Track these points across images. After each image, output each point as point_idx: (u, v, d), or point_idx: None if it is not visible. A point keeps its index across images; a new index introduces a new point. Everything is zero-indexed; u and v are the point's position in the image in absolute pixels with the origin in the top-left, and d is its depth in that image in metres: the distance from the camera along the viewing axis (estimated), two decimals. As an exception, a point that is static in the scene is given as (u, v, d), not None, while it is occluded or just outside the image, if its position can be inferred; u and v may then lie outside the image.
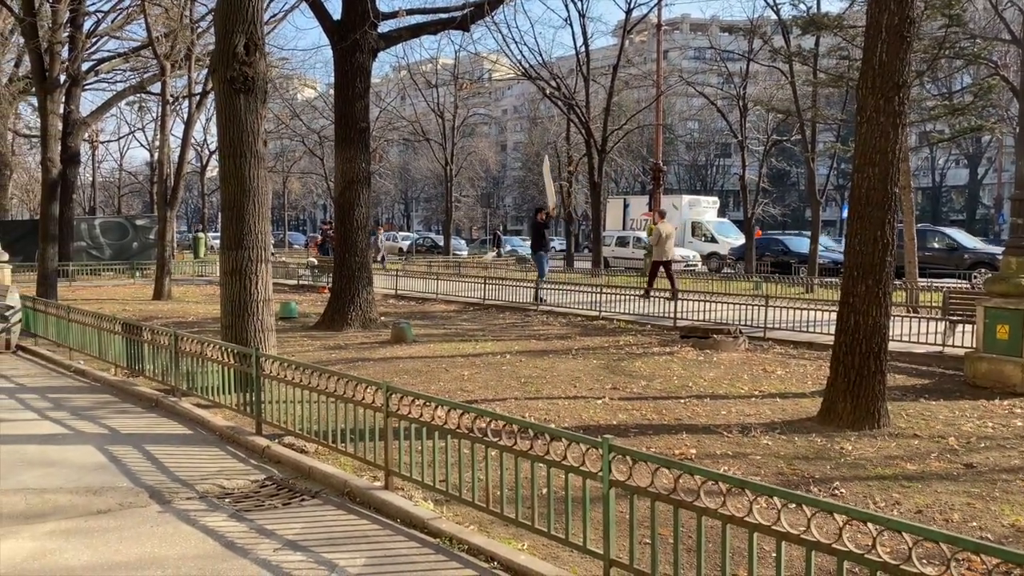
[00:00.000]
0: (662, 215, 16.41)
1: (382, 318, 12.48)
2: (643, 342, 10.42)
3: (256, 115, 7.22)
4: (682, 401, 6.91)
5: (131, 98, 30.69)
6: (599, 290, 13.34)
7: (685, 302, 12.10)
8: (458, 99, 36.15)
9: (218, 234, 30.51)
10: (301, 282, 20.70)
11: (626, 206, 32.54)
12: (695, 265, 27.07)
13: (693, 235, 30.21)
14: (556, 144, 30.63)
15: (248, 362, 6.05)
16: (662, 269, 15.30)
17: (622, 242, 29.47)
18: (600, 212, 25.51)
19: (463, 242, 43.90)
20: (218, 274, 10.45)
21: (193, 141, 40.95)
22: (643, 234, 28.72)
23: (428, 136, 39.28)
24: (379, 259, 25.12)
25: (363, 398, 4.90)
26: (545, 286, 14.94)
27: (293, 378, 5.54)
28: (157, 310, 14.44)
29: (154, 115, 43.11)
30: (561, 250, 55.09)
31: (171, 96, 18.40)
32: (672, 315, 11.94)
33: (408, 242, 43.13)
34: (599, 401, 6.90)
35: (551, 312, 13.63)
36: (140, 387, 7.54)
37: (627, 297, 13.08)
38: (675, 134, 58.63)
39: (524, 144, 75.04)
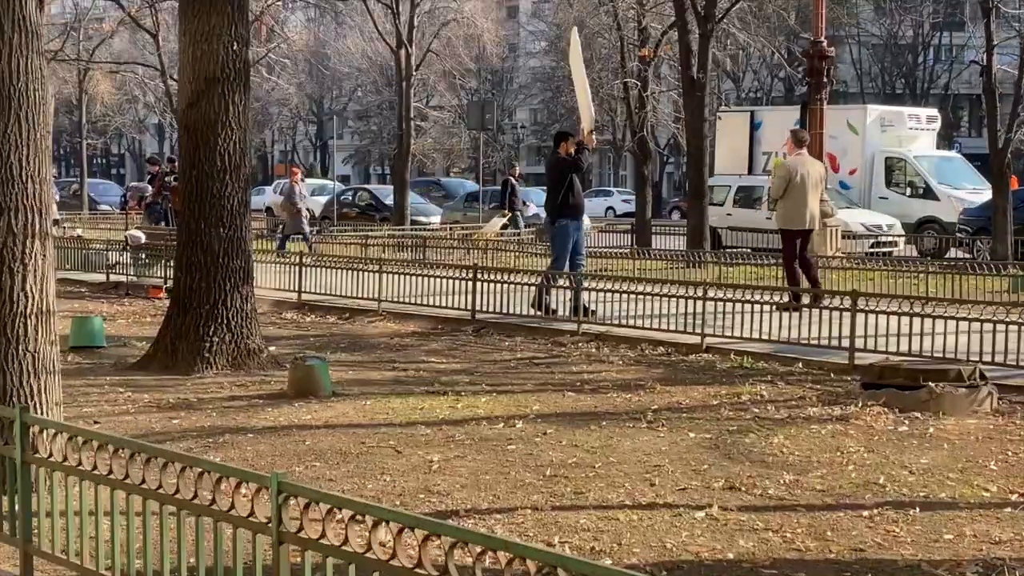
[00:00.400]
0: (798, 140, 16.37)
1: (271, 349, 12.55)
2: (786, 395, 10.41)
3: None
4: (867, 515, 6.91)
5: None
6: (701, 294, 13.40)
7: (865, 316, 12.10)
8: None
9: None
10: (114, 277, 20.83)
11: (755, 126, 32.64)
12: (892, 242, 27.11)
13: (889, 184, 30.24)
14: (615, 6, 30.68)
15: (6, 434, 6.05)
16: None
17: (747, 198, 29.51)
18: (704, 139, 25.54)
19: (428, 201, 43.99)
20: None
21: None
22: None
23: (364, -10, 39.34)
24: (306, 236, 25.32)
25: (232, 505, 4.91)
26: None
27: (95, 467, 5.55)
28: None
29: None
30: (623, 214, 55.54)
31: None
32: (846, 344, 11.94)
33: (324, 199, 43.31)
34: (700, 513, 6.91)
35: (605, 338, 13.69)
36: None
37: (755, 309, 13.14)
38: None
39: (553, 5, 75.47)
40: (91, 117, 59.18)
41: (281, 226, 27.66)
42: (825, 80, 23.04)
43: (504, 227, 28.15)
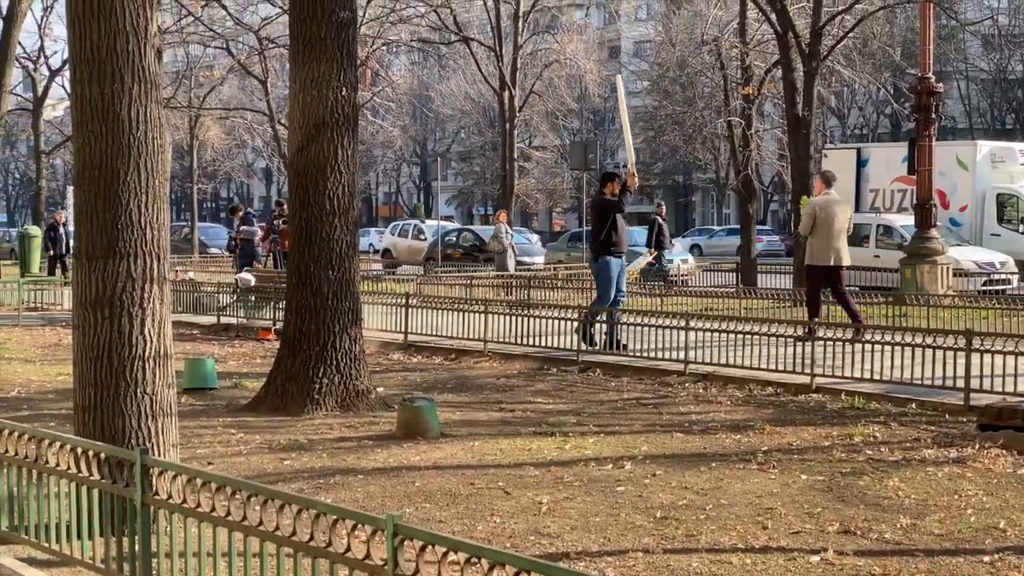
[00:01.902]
0: (826, 180, 16.83)
1: (379, 389, 12.64)
2: (900, 437, 10.29)
3: (142, -1, 7.44)
4: (987, 560, 6.79)
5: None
6: (809, 333, 13.19)
7: (980, 356, 11.84)
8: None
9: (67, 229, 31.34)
10: (224, 319, 21.17)
11: (862, 163, 32.25)
12: (1005, 279, 26.52)
13: (1001, 220, 29.63)
14: (718, 45, 30.62)
15: (126, 477, 6.17)
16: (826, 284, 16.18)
17: (854, 236, 29.05)
18: (809, 177, 25.29)
19: (534, 238, 44.16)
20: (69, 306, 10.76)
21: (20, 52, 42.63)
22: (896, 220, 28.40)
23: (468, 34, 39.75)
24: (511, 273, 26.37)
25: (348, 547, 4.94)
26: (628, 320, 15.59)
27: (213, 508, 5.63)
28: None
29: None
30: (727, 254, 55.10)
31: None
32: (961, 384, 11.71)
33: (429, 240, 43.67)
34: (815, 558, 6.82)
35: (712, 378, 13.64)
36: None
37: (867, 347, 12.95)
38: (959, 19, 57.83)
39: (655, 45, 75.52)
40: (201, 162, 60.38)
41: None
42: (933, 116, 22.75)
43: (650, 265, 28.25)
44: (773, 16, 24.84)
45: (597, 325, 15.91)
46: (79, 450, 6.49)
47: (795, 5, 26.67)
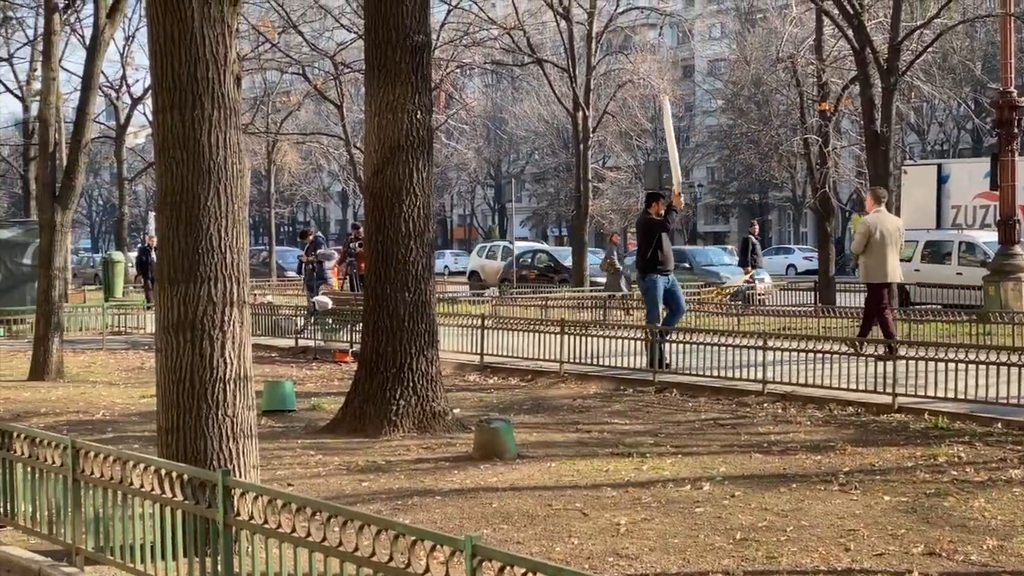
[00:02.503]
0: (877, 198, 17.09)
1: (456, 411, 12.68)
2: (985, 457, 10.15)
3: (222, 25, 7.55)
4: (1078, 583, 6.65)
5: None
6: (889, 353, 13.03)
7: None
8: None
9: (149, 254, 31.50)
10: (302, 342, 21.35)
11: (942, 179, 31.86)
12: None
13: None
14: (794, 62, 30.43)
15: (208, 498, 6.24)
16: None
17: (936, 253, 28.78)
18: (889, 194, 25.02)
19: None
20: (152, 330, 10.90)
21: (103, 81, 43.36)
22: (978, 237, 28.00)
23: (541, 55, 39.79)
24: (625, 294, 27.35)
25: (426, 568, 4.96)
26: (676, 336, 15.73)
27: (294, 529, 5.68)
28: (38, 400, 15.22)
29: (30, 34, 45.95)
30: (804, 272, 54.60)
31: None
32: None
33: (503, 261, 43.77)
34: (899, 580, 6.75)
35: (791, 398, 13.52)
36: (8, 547, 7.90)
37: (949, 366, 12.77)
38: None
39: (729, 63, 75.25)
40: (279, 186, 61.03)
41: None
42: (1016, 131, 22.43)
43: (746, 284, 28.26)
44: (850, 32, 24.61)
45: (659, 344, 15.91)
46: (162, 471, 6.59)
47: (873, 21, 26.42)
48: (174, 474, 6.50)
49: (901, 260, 26.84)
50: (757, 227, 31.82)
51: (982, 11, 35.87)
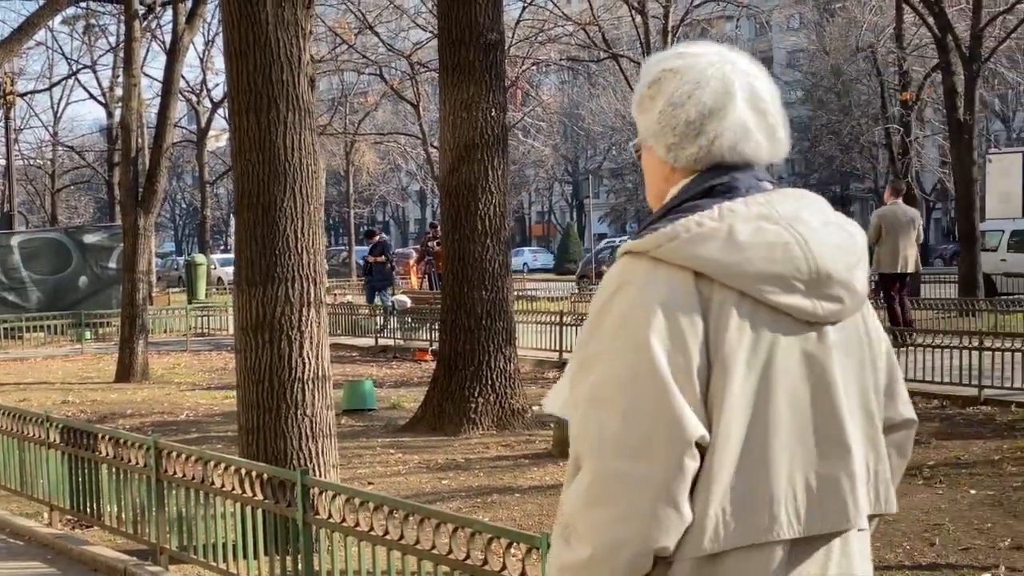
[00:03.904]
0: (895, 190, 17.63)
1: (535, 408, 12.66)
2: (1076, 450, 9.95)
3: (296, 28, 7.62)
4: None
5: (69, 11, 33.42)
6: (977, 343, 12.87)
7: None
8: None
9: (230, 256, 32.27)
10: (382, 341, 21.48)
11: (1029, 169, 31.25)
12: None
13: None
14: (874, 51, 30.07)
15: (288, 497, 6.30)
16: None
17: (1022, 242, 28.29)
18: (973, 183, 24.65)
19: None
20: (232, 331, 11.06)
21: (183, 86, 43.95)
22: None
23: (616, 50, 39.61)
24: None
25: (504, 566, 4.96)
26: None
27: (371, 527, 5.72)
28: (124, 401, 15.48)
29: (112, 41, 46.71)
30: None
31: (141, 4, 19.83)
32: None
33: (583, 260, 43.64)
34: (987, 574, 6.67)
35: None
36: (94, 547, 8.05)
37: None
38: None
39: (808, 54, 74.48)
40: (357, 187, 61.51)
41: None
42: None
43: None
44: (931, 19, 24.25)
45: None
46: (243, 471, 6.67)
47: (954, 7, 26.01)
48: (254, 473, 6.58)
49: (986, 250, 26.68)
50: None
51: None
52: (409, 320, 21.59)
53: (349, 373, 16.96)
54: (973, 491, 8.55)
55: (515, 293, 29.68)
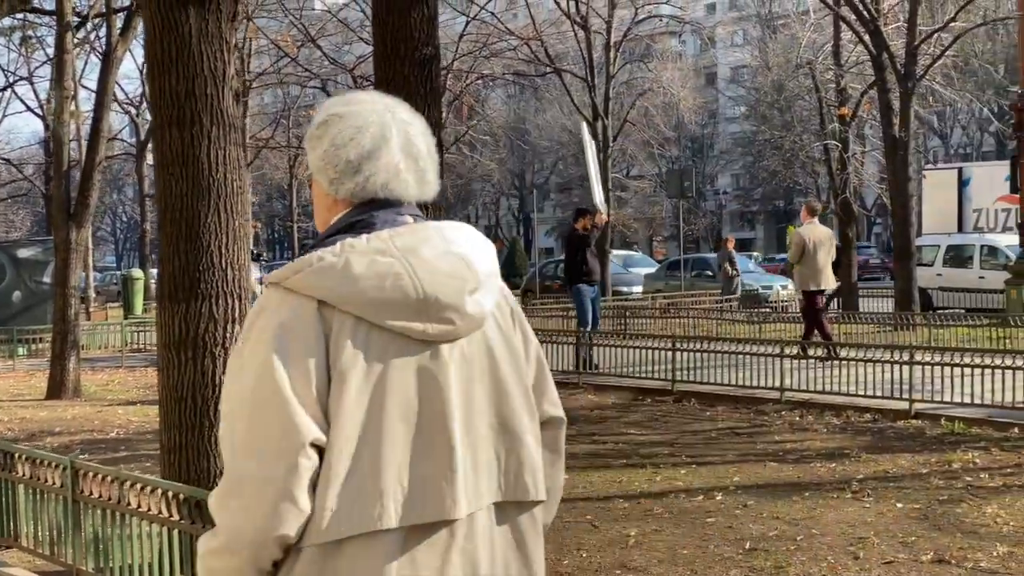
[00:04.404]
0: (811, 210, 18.54)
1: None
2: (1001, 463, 10.06)
3: (220, 41, 7.54)
4: (1086, 588, 6.57)
5: (5, 22, 33.01)
6: (908, 358, 13.00)
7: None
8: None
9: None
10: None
11: (963, 183, 31.74)
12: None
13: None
14: (812, 68, 30.35)
15: (207, 518, 6.22)
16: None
17: (958, 257, 28.65)
18: (908, 199, 24.94)
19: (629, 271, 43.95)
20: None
21: (122, 97, 43.27)
22: (1000, 240, 27.85)
23: (564, 65, 39.84)
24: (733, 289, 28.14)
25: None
26: (601, 342, 16.75)
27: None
28: (54, 419, 15.27)
29: (50, 53, 46.07)
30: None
31: (75, 16, 19.63)
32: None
33: (527, 274, 43.74)
34: (907, 588, 6.69)
35: (808, 406, 13.47)
36: (12, 569, 7.90)
37: (966, 371, 12.70)
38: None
39: (752, 70, 75.14)
40: (301, 200, 61.24)
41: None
42: (1035, 132, 22.29)
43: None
44: (867, 37, 24.52)
45: (588, 347, 17.12)
46: (160, 491, 6.58)
47: (891, 25, 26.29)
48: (170, 493, 6.49)
49: (922, 264, 27.01)
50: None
51: (1003, 14, 35.62)
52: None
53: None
54: (900, 504, 8.62)
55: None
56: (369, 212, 2.58)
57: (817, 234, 17.60)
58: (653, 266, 41.43)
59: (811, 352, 15.33)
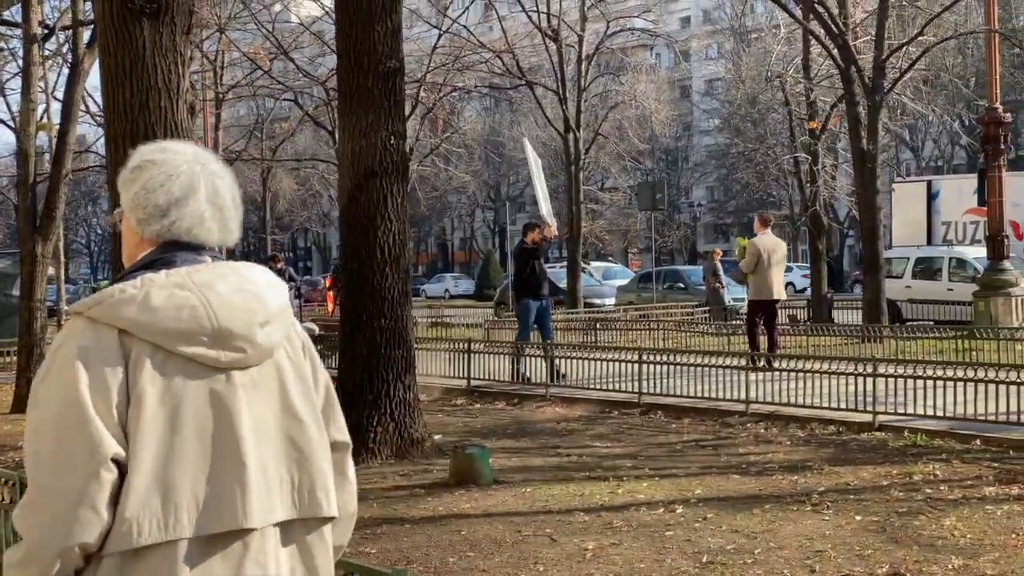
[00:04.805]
0: (764, 221, 18.94)
1: (436, 437, 12.62)
2: (961, 475, 10.09)
3: (174, 54, 7.53)
4: (1039, 600, 6.57)
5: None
6: (871, 370, 13.04)
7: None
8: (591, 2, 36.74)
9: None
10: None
11: (932, 196, 31.90)
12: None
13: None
14: (783, 81, 30.47)
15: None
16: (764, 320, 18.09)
17: (927, 270, 28.76)
18: (877, 211, 25.03)
19: (601, 283, 43.97)
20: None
21: (95, 109, 43.44)
22: (968, 252, 27.98)
23: (537, 78, 39.90)
24: (725, 307, 28.41)
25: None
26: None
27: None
28: (18, 433, 15.10)
29: (21, 65, 45.74)
30: (803, 290, 54.70)
31: (43, 28, 19.52)
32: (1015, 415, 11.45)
33: (500, 286, 43.69)
34: (861, 602, 6.67)
35: (774, 418, 13.48)
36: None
37: (929, 383, 12.73)
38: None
39: (725, 83, 75.39)
40: (275, 213, 61.17)
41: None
42: (1002, 147, 22.42)
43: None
44: (835, 51, 24.63)
45: (528, 360, 17.47)
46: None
47: (860, 39, 26.42)
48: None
49: (892, 277, 27.12)
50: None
51: (972, 28, 35.83)
52: (320, 347, 21.41)
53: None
54: (859, 517, 8.61)
55: (431, 320, 29.59)
56: (172, 252, 2.76)
57: (770, 245, 18.03)
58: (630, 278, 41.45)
59: (775, 364, 15.30)
